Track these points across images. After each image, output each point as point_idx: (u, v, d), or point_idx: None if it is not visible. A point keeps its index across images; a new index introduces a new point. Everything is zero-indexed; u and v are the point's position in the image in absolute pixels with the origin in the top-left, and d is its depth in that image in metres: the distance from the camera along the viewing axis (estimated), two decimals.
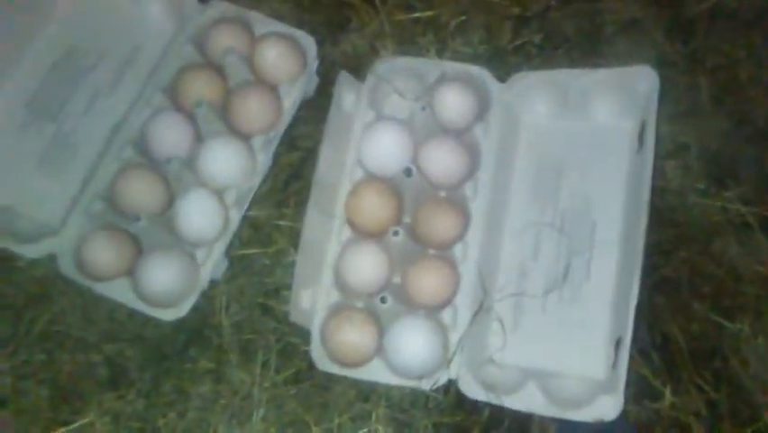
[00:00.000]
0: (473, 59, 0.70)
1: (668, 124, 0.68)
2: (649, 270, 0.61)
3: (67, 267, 0.61)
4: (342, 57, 0.72)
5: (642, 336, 0.61)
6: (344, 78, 0.66)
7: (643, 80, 0.63)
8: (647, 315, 0.61)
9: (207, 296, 0.63)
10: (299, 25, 0.71)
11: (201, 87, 0.66)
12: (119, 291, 0.61)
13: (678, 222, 0.65)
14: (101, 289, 0.61)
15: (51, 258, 0.62)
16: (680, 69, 0.69)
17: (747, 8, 0.71)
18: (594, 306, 0.60)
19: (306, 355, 0.61)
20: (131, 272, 0.61)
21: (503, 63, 0.69)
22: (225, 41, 0.68)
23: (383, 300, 0.60)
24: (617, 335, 0.57)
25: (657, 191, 0.65)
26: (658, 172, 0.66)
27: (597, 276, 0.61)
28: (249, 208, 0.65)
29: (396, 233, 0.61)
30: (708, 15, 0.71)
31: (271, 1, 0.74)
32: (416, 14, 0.73)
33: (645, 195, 0.59)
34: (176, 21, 0.71)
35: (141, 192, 0.63)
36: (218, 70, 0.68)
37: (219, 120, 0.66)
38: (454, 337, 0.60)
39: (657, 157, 0.65)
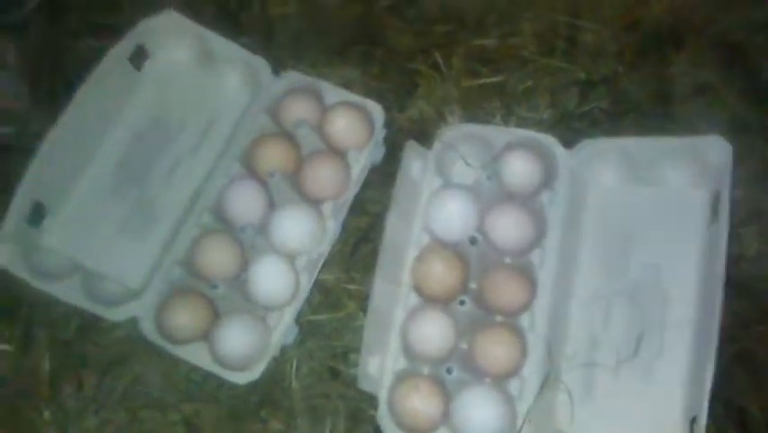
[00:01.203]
0: (539, 124, 0.71)
1: (744, 190, 0.66)
2: (726, 342, 0.60)
3: (148, 330, 0.64)
4: (409, 123, 0.74)
5: (718, 411, 0.59)
6: (411, 146, 0.68)
7: (715, 151, 0.62)
8: (724, 389, 0.59)
9: (279, 359, 0.65)
10: (368, 92, 0.73)
11: (274, 156, 0.69)
12: (196, 355, 0.64)
13: (756, 292, 0.63)
14: (180, 352, 0.64)
15: (133, 321, 0.65)
16: (755, 133, 0.68)
17: None
18: (668, 381, 0.59)
19: (374, 421, 0.62)
20: (207, 336, 0.64)
21: (569, 129, 0.69)
22: (297, 111, 0.71)
23: (449, 371, 0.60)
24: (692, 413, 0.56)
25: (734, 259, 0.63)
26: (734, 240, 0.64)
27: (670, 350, 0.60)
28: (319, 273, 0.67)
29: (462, 302, 0.61)
30: None
31: (342, 69, 0.76)
32: (483, 80, 0.74)
33: (720, 269, 0.58)
34: (251, 92, 0.74)
35: (217, 258, 0.66)
36: (291, 139, 0.70)
37: (291, 188, 0.68)
38: (522, 408, 0.60)
39: (733, 224, 0.64)
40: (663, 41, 0.71)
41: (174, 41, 0.75)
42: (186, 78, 0.76)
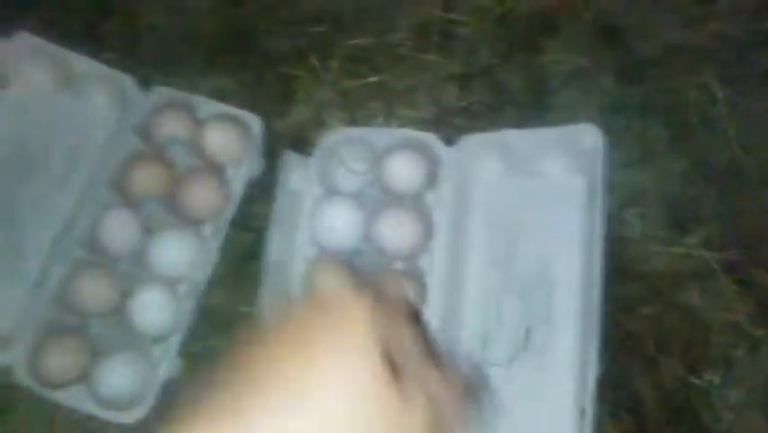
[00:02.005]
0: (421, 123, 0.69)
1: (624, 171, 0.67)
2: (614, 327, 0.60)
3: (23, 377, 0.60)
4: (289, 130, 0.71)
5: (611, 397, 0.59)
6: (289, 156, 0.66)
7: (588, 138, 0.62)
8: (615, 375, 0.60)
9: (166, 392, 0.62)
10: (243, 102, 0.70)
11: (147, 179, 0.66)
12: (77, 398, 0.60)
13: (641, 274, 0.64)
14: (59, 397, 0.60)
15: (7, 369, 0.61)
16: (632, 113, 0.68)
17: (695, 46, 0.70)
18: (558, 373, 0.59)
19: None
20: (87, 377, 0.60)
21: (451, 126, 0.68)
22: (168, 128, 0.67)
23: None
24: (581, 403, 0.56)
25: (618, 242, 0.64)
26: (617, 222, 0.65)
27: (559, 342, 0.60)
28: (205, 297, 0.64)
29: None
30: (655, 56, 0.70)
31: (214, 79, 0.73)
32: (362, 81, 0.72)
33: (597, 255, 0.58)
34: (118, 110, 0.70)
35: (92, 293, 0.62)
36: (163, 159, 0.67)
37: (167, 210, 0.65)
38: None
39: (615, 206, 0.65)
40: (537, 29, 0.71)
41: (30, 65, 0.70)
42: (47, 102, 0.71)
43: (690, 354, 0.61)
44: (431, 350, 0.27)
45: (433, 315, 0.61)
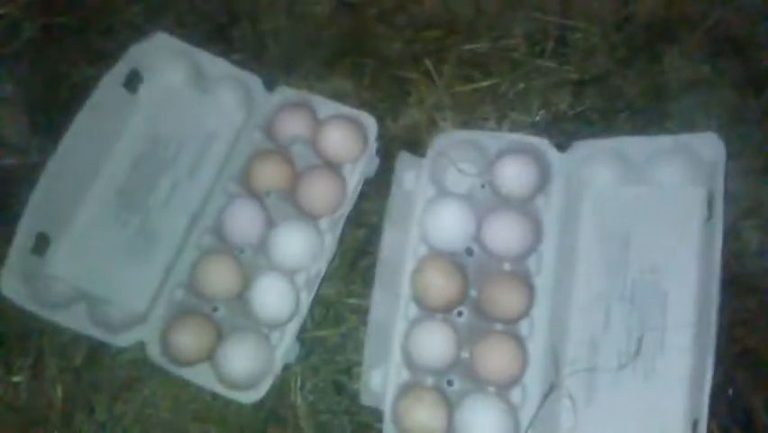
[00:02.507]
0: (533, 127, 0.70)
1: (742, 183, 0.66)
2: (730, 342, 0.59)
3: (154, 354, 0.66)
4: (402, 131, 0.74)
5: (722, 411, 0.59)
6: (404, 156, 0.68)
7: (709, 148, 0.61)
8: (728, 390, 0.59)
9: (283, 376, 0.66)
10: (360, 104, 0.73)
11: (270, 174, 0.70)
12: (202, 376, 0.65)
13: (758, 288, 0.62)
14: (185, 374, 0.65)
15: (140, 345, 0.66)
16: (752, 125, 0.67)
17: None
18: (669, 383, 0.58)
19: None
20: (212, 357, 0.65)
21: (563, 131, 0.69)
22: (291, 127, 0.71)
23: (450, 383, 0.61)
24: (694, 415, 0.56)
25: (735, 256, 0.63)
26: (734, 235, 0.64)
27: (671, 351, 0.59)
28: (319, 288, 0.68)
29: (460, 313, 0.62)
30: None
31: (333, 81, 0.76)
32: (474, 85, 0.74)
33: (717, 268, 0.57)
34: (245, 109, 0.75)
35: (218, 279, 0.67)
36: (286, 156, 0.71)
37: (288, 205, 0.69)
38: (524, 416, 0.60)
39: (733, 218, 0.64)
40: (655, 36, 0.70)
41: (166, 64, 0.76)
42: (180, 99, 0.76)
43: None
44: None
45: (540, 318, 0.62)
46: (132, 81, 0.75)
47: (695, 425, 0.55)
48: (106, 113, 0.73)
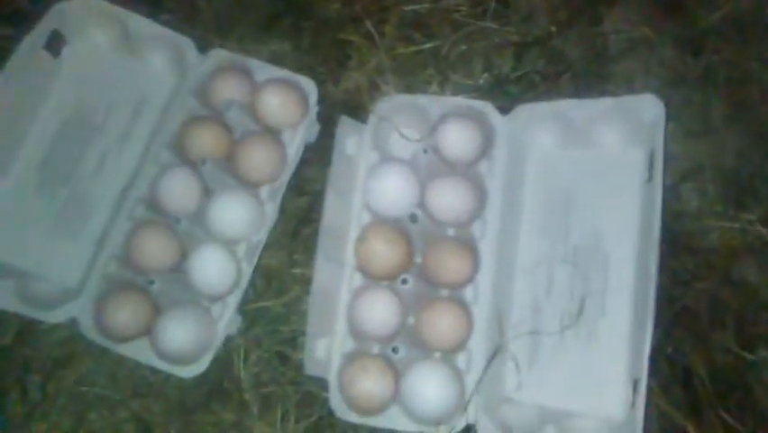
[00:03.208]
0: (475, 90, 0.69)
1: (682, 144, 0.66)
2: (668, 301, 0.60)
3: (87, 329, 0.63)
4: (343, 95, 0.72)
5: (662, 369, 0.60)
6: (345, 121, 0.66)
7: (648, 109, 0.61)
8: (667, 348, 0.60)
9: (225, 349, 0.64)
10: (299, 67, 0.70)
11: (205, 141, 0.67)
12: (139, 352, 0.62)
13: (696, 248, 0.63)
14: (122, 350, 0.63)
15: (73, 321, 0.63)
16: (692, 85, 0.67)
17: (759, 18, 0.68)
18: (611, 343, 0.59)
19: (326, 403, 0.62)
20: (149, 331, 0.62)
21: (506, 94, 0.68)
22: (226, 91, 0.68)
23: (395, 351, 0.60)
24: (634, 375, 0.57)
25: (674, 216, 0.63)
26: (674, 196, 0.65)
27: (612, 313, 0.60)
28: (261, 258, 0.66)
29: (404, 281, 0.61)
30: (718, 27, 0.69)
31: (270, 44, 0.73)
32: (416, 47, 0.72)
33: (656, 229, 0.58)
34: (177, 73, 0.71)
35: (153, 251, 0.64)
36: (221, 122, 0.68)
37: (225, 173, 0.66)
38: (470, 380, 0.60)
39: (672, 179, 0.64)
40: None
41: (91, 24, 0.71)
42: (107, 62, 0.72)
43: (744, 329, 0.61)
44: None
45: (484, 283, 0.62)
46: (55, 43, 0.71)
47: (636, 384, 0.56)
48: (27, 78, 0.69)
